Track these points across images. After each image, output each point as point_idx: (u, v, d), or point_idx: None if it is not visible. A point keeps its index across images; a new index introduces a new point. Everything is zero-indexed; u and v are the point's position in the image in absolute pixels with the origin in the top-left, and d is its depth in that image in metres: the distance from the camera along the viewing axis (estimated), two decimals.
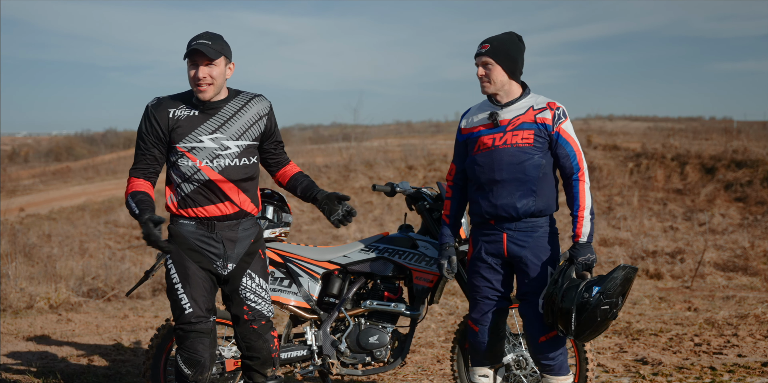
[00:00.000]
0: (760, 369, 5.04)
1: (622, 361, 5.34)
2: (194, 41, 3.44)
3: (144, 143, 3.53)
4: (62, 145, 48.98)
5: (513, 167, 3.70)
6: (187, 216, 3.56)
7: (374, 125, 45.56)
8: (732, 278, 8.70)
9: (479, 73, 3.77)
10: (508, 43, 3.75)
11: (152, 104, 3.54)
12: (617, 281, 3.56)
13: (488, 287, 3.85)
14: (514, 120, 3.75)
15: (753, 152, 16.58)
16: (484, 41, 3.77)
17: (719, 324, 6.36)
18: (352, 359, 4.27)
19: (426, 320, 6.87)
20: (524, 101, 3.78)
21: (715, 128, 29.91)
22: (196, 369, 3.58)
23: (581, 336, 3.64)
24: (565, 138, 3.72)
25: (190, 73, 3.46)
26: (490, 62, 3.72)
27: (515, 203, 3.71)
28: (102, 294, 8.59)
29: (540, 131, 3.71)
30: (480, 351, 3.91)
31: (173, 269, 3.56)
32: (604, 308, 3.54)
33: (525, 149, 3.70)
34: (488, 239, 3.83)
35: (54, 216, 16.48)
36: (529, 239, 3.75)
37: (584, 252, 3.66)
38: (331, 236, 12.43)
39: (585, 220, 3.68)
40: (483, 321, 3.87)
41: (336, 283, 4.34)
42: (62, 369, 5.42)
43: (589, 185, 3.74)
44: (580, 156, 3.74)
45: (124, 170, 29.32)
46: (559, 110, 3.74)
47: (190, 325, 3.55)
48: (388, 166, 18.69)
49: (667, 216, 13.52)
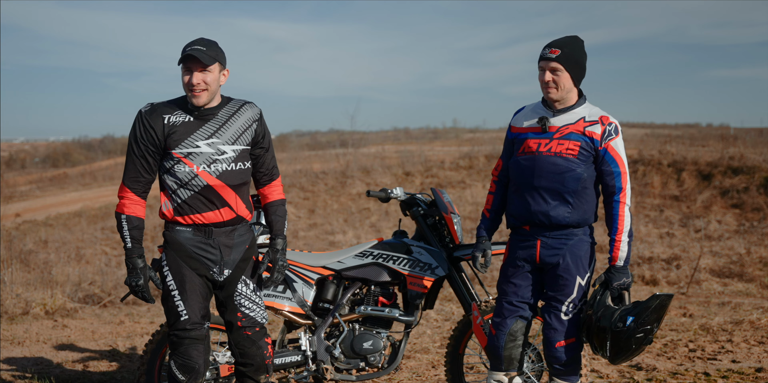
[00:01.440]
0: (753, 375, 5.05)
1: (616, 367, 5.35)
2: (189, 47, 3.45)
3: (138, 149, 3.49)
4: (59, 151, 48.94)
5: (552, 176, 3.64)
6: (184, 223, 3.54)
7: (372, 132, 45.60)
8: (728, 284, 8.72)
9: (546, 79, 3.65)
10: (577, 49, 3.67)
11: (146, 109, 3.51)
12: (651, 310, 3.54)
13: (514, 293, 3.82)
14: (562, 128, 3.68)
15: (749, 159, 16.61)
16: (553, 45, 3.66)
17: (714, 330, 6.37)
18: (346, 364, 4.28)
19: (421, 326, 6.88)
20: (578, 110, 3.70)
21: (712, 134, 29.94)
22: (191, 375, 3.58)
23: (617, 360, 3.65)
24: (612, 156, 3.64)
25: (184, 78, 3.47)
26: (560, 69, 3.63)
27: (549, 212, 3.66)
28: (98, 300, 8.59)
29: (587, 144, 3.64)
30: (495, 355, 3.87)
31: (170, 276, 3.56)
32: (639, 336, 3.54)
33: (568, 160, 3.63)
34: (523, 244, 3.79)
35: (50, 222, 16.48)
36: (563, 247, 3.70)
37: (619, 277, 3.62)
38: (327, 243, 12.44)
39: (622, 243, 3.63)
40: (501, 326, 3.83)
41: (330, 289, 4.35)
42: (58, 374, 5.42)
43: (630, 206, 3.67)
44: (625, 176, 3.65)
45: (120, 176, 29.32)
46: (611, 125, 3.65)
47: (185, 332, 3.55)
48: (385, 172, 18.70)
49: (664, 223, 13.54)
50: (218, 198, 3.54)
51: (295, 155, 29.01)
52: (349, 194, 17.29)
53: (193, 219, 3.53)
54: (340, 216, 15.54)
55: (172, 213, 3.55)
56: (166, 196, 3.56)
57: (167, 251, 3.57)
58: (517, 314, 3.82)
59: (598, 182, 3.71)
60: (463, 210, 14.78)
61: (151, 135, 3.47)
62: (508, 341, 3.83)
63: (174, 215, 3.55)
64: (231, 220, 3.59)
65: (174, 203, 3.54)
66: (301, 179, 19.00)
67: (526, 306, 3.83)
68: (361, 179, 18.30)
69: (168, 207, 3.56)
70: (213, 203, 3.53)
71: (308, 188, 18.05)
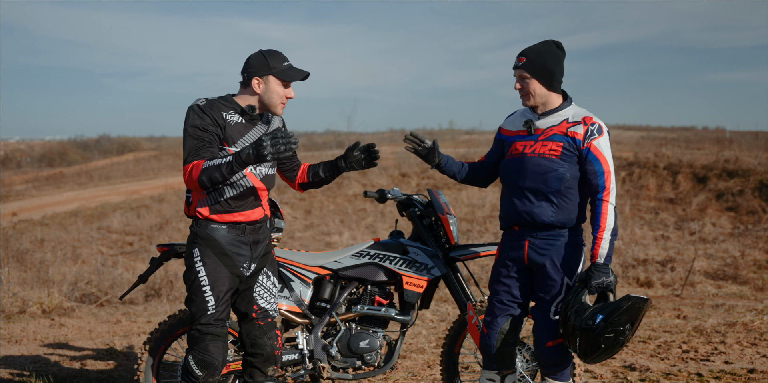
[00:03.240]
0: (746, 376, 5.10)
1: (610, 367, 5.40)
2: (287, 62, 3.66)
3: (208, 133, 3.49)
4: (55, 150, 48.88)
5: (536, 177, 3.70)
6: (220, 221, 3.62)
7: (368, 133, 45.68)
8: (722, 286, 8.77)
9: (516, 87, 3.77)
10: (545, 54, 3.72)
11: (203, 103, 3.56)
12: (622, 310, 3.55)
13: (505, 292, 3.86)
14: (547, 130, 3.75)
15: (744, 162, 16.67)
16: (521, 53, 3.75)
17: (707, 332, 6.42)
18: (342, 363, 4.32)
19: (417, 326, 6.91)
20: (562, 112, 3.76)
21: (707, 137, 30.03)
22: (209, 370, 3.64)
23: (587, 358, 3.67)
24: (595, 155, 3.67)
25: (283, 90, 3.65)
26: (526, 76, 3.71)
27: (533, 211, 3.72)
28: (95, 299, 8.61)
29: (569, 145, 3.68)
30: (487, 354, 3.91)
31: (203, 272, 3.61)
32: (608, 335, 3.56)
33: (551, 160, 3.69)
34: (512, 245, 3.84)
35: (47, 222, 16.48)
36: (551, 248, 3.75)
37: (599, 276, 3.63)
38: (324, 243, 12.47)
39: (604, 241, 3.64)
40: (492, 325, 3.87)
41: (327, 288, 4.39)
42: (55, 372, 5.44)
43: (615, 205, 3.69)
44: (609, 175, 3.67)
45: (117, 176, 29.35)
46: (594, 125, 3.69)
47: (208, 327, 3.61)
48: (381, 173, 18.73)
49: (659, 225, 13.59)
50: (256, 198, 3.70)
51: None
52: (345, 195, 17.32)
53: (232, 218, 3.63)
54: (337, 217, 15.57)
55: (209, 211, 3.62)
56: (204, 193, 3.62)
57: (200, 247, 3.61)
58: (508, 313, 3.86)
59: (583, 184, 3.75)
60: (460, 211, 14.83)
61: (215, 124, 3.54)
62: (500, 340, 3.87)
63: (210, 213, 3.62)
64: (261, 219, 3.74)
65: (212, 201, 3.61)
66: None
67: (516, 305, 3.87)
68: (357, 180, 18.34)
69: (204, 204, 3.62)
70: (252, 203, 3.68)
71: None
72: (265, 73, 3.61)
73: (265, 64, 3.61)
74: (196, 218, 3.65)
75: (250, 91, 3.65)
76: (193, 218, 3.68)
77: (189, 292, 3.65)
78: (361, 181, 18.29)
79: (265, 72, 3.61)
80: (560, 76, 3.76)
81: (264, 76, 3.62)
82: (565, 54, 3.79)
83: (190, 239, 3.67)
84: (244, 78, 3.66)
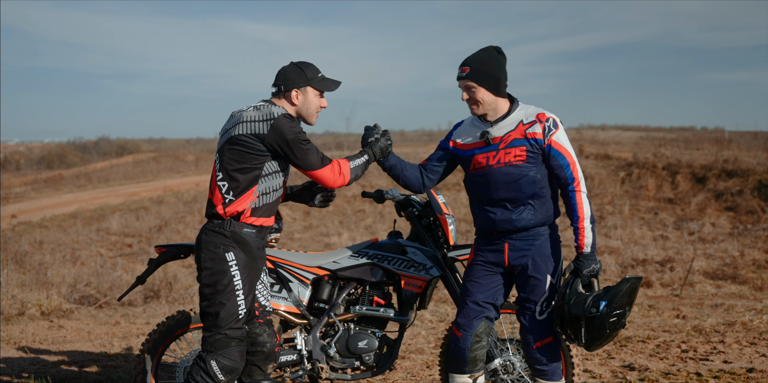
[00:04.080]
0: (745, 375, 5.10)
1: (609, 367, 5.39)
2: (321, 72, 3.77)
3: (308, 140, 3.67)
4: (54, 153, 48.87)
5: (509, 186, 3.71)
6: (254, 224, 3.67)
7: None
8: (721, 286, 8.77)
9: (464, 98, 3.77)
10: (487, 61, 3.73)
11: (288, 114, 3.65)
12: (622, 293, 3.60)
13: (480, 293, 3.86)
14: (505, 137, 3.74)
15: (743, 162, 16.68)
16: (463, 63, 3.75)
17: (707, 331, 6.41)
18: (341, 363, 4.31)
19: (416, 327, 6.91)
20: (514, 116, 3.77)
21: (706, 137, 30.06)
22: (232, 375, 3.65)
23: (592, 346, 3.68)
24: (558, 149, 3.69)
25: (318, 101, 3.78)
26: (473, 85, 3.72)
27: (513, 218, 3.73)
28: (94, 300, 8.61)
29: (532, 146, 3.70)
30: (460, 357, 3.89)
31: (238, 276, 3.62)
32: (612, 320, 3.59)
33: (519, 166, 3.70)
34: (490, 248, 3.85)
35: (46, 224, 16.48)
36: (531, 248, 3.77)
37: (588, 264, 3.66)
38: (323, 244, 12.47)
39: (586, 230, 3.67)
40: (467, 327, 3.86)
41: (326, 288, 4.38)
42: (54, 374, 5.44)
43: (587, 193, 3.73)
44: (575, 166, 3.70)
45: (116, 178, 29.33)
46: (549, 121, 3.71)
47: (236, 331, 3.63)
48: (380, 174, 18.73)
49: (658, 225, 13.59)
50: (278, 205, 3.82)
51: None
52: (344, 196, 17.33)
53: (262, 221, 3.70)
54: (336, 218, 15.58)
55: (250, 213, 3.66)
56: (255, 195, 3.66)
57: (235, 251, 3.62)
58: (483, 314, 3.86)
59: (552, 178, 3.77)
60: (458, 212, 14.83)
61: None
62: (474, 342, 3.86)
63: (250, 215, 3.66)
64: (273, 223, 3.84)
65: (256, 204, 3.66)
66: (296, 181, 19.02)
67: (491, 306, 3.87)
68: (356, 181, 18.33)
69: (250, 207, 3.65)
70: (276, 209, 3.81)
71: None
72: (304, 84, 3.69)
73: (303, 76, 3.69)
74: (231, 219, 3.64)
75: (288, 102, 3.71)
76: (224, 219, 3.65)
77: (216, 297, 3.60)
78: (360, 182, 18.30)
79: (304, 84, 3.69)
80: (505, 80, 3.78)
81: (302, 88, 3.69)
82: (506, 59, 3.79)
83: (217, 242, 3.63)
84: (281, 89, 3.70)
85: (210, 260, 3.62)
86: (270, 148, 3.59)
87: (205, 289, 3.63)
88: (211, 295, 3.61)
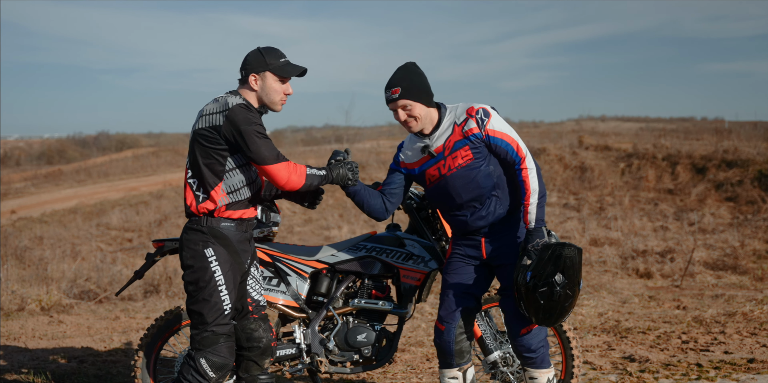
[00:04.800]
0: (745, 366, 5.09)
1: (609, 358, 5.39)
2: (285, 58, 3.65)
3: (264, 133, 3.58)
4: (54, 148, 48.83)
5: (468, 187, 3.76)
6: (231, 218, 3.62)
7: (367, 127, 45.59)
8: (721, 276, 8.76)
9: (401, 118, 3.78)
10: (413, 77, 3.76)
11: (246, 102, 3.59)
12: (545, 261, 3.56)
13: (460, 285, 3.89)
14: (446, 144, 3.78)
15: (743, 152, 16.64)
16: (390, 85, 3.76)
17: (707, 322, 6.40)
18: (340, 357, 4.30)
19: (416, 319, 6.90)
20: (446, 121, 3.81)
21: (706, 128, 29.99)
22: (222, 372, 3.61)
23: (541, 320, 3.66)
24: (496, 136, 3.72)
25: (280, 87, 3.65)
26: (408, 103, 3.74)
27: (484, 215, 3.79)
28: (93, 295, 8.60)
29: (473, 143, 3.74)
30: (446, 351, 3.91)
31: (219, 272, 3.57)
32: (543, 290, 3.56)
33: (470, 166, 3.74)
34: (467, 242, 3.90)
35: (46, 219, 16.47)
36: (506, 237, 3.82)
37: (533, 238, 3.68)
38: (323, 238, 12.46)
39: (531, 206, 3.69)
40: (450, 319, 3.88)
41: (324, 282, 4.37)
42: (53, 369, 5.43)
43: (536, 169, 3.73)
44: (517, 145, 3.73)
45: (116, 172, 29.31)
46: (479, 113, 3.75)
47: (223, 327, 3.58)
48: (380, 167, 18.72)
49: (658, 216, 13.57)
50: (259, 197, 3.76)
51: (290, 150, 29.00)
52: None
53: (241, 214, 3.65)
54: (336, 211, 15.56)
55: (225, 208, 3.60)
56: (224, 192, 3.59)
57: (213, 247, 3.57)
58: (464, 306, 3.88)
59: (501, 162, 3.78)
60: None
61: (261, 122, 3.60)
62: (458, 334, 3.89)
63: (226, 209, 3.61)
64: (256, 215, 3.80)
65: (231, 199, 3.60)
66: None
67: (470, 297, 3.90)
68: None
69: (223, 202, 3.59)
70: (255, 200, 3.74)
71: None
72: (262, 69, 3.61)
73: (262, 61, 3.61)
74: (206, 216, 3.60)
75: (249, 87, 3.64)
76: (200, 216, 3.61)
77: (199, 293, 3.57)
78: (360, 175, 18.28)
79: (262, 68, 3.61)
80: (431, 90, 3.80)
81: (261, 73, 3.62)
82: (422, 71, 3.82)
83: (196, 239, 3.60)
84: (242, 75, 3.65)
85: (191, 258, 3.59)
86: (226, 140, 3.50)
87: (189, 287, 3.60)
88: (195, 292, 3.58)
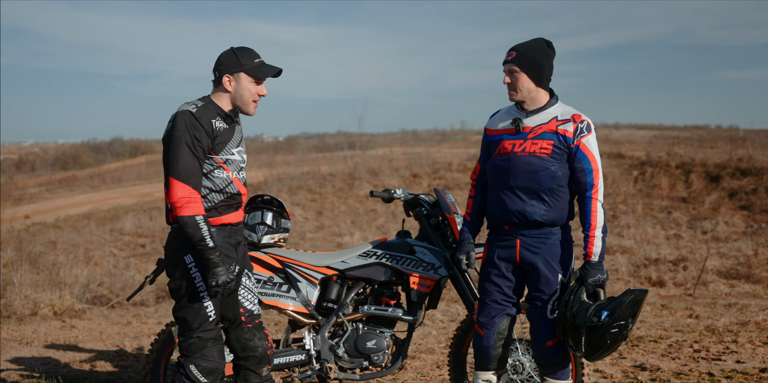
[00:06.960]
0: (757, 375, 5.05)
1: (620, 367, 5.36)
2: (260, 59, 3.58)
3: (195, 149, 3.42)
4: (69, 153, 49.13)
5: (528, 176, 3.70)
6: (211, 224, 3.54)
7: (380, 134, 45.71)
8: (734, 285, 8.70)
9: (505, 81, 3.75)
10: (535, 50, 3.72)
11: (194, 110, 3.46)
12: (625, 305, 3.56)
13: (498, 291, 3.85)
14: (536, 128, 3.73)
15: (758, 160, 16.56)
16: (511, 48, 3.75)
17: (719, 331, 6.36)
18: (350, 363, 4.31)
19: (427, 326, 6.90)
20: (550, 110, 3.75)
21: (720, 136, 29.89)
22: (214, 376, 3.58)
23: (591, 356, 3.66)
24: (584, 153, 3.68)
25: (255, 88, 3.56)
26: (516, 70, 3.70)
27: (525, 210, 3.71)
28: (106, 301, 8.64)
29: (560, 143, 3.68)
30: (484, 355, 3.90)
31: (199, 278, 3.51)
32: (614, 331, 3.56)
33: (542, 159, 3.68)
34: (502, 244, 3.83)
35: (60, 224, 16.57)
36: (542, 246, 3.75)
37: (594, 273, 3.64)
38: (335, 244, 12.47)
39: (596, 239, 3.66)
40: (489, 326, 3.86)
41: (334, 288, 4.37)
42: (65, 374, 5.46)
43: (602, 202, 3.70)
44: (597, 173, 3.68)
45: (129, 178, 29.46)
46: (582, 123, 3.70)
47: (209, 332, 3.55)
48: (392, 174, 18.73)
49: (671, 224, 13.51)
50: (240, 202, 3.65)
51: (303, 157, 29.07)
52: (356, 196, 17.32)
53: (219, 221, 3.56)
54: (348, 218, 15.57)
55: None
56: None
57: (192, 253, 3.50)
58: (504, 312, 3.86)
59: (572, 181, 3.74)
60: None
61: (204, 136, 3.45)
62: (497, 340, 3.87)
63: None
64: (241, 221, 3.71)
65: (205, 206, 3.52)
66: (308, 181, 19.05)
67: (510, 304, 3.87)
68: (368, 181, 18.33)
69: None
70: (236, 206, 3.63)
71: (316, 190, 18.09)
72: (236, 70, 3.53)
73: (236, 61, 3.53)
74: None
75: (222, 89, 3.56)
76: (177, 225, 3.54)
77: (182, 301, 3.54)
78: (372, 182, 18.29)
79: (236, 69, 3.53)
80: (549, 73, 3.76)
81: (235, 74, 3.54)
82: (555, 53, 3.78)
83: (176, 247, 3.54)
84: (216, 76, 3.58)
85: (172, 266, 3.55)
86: None
87: (173, 294, 3.57)
88: (179, 299, 3.55)
